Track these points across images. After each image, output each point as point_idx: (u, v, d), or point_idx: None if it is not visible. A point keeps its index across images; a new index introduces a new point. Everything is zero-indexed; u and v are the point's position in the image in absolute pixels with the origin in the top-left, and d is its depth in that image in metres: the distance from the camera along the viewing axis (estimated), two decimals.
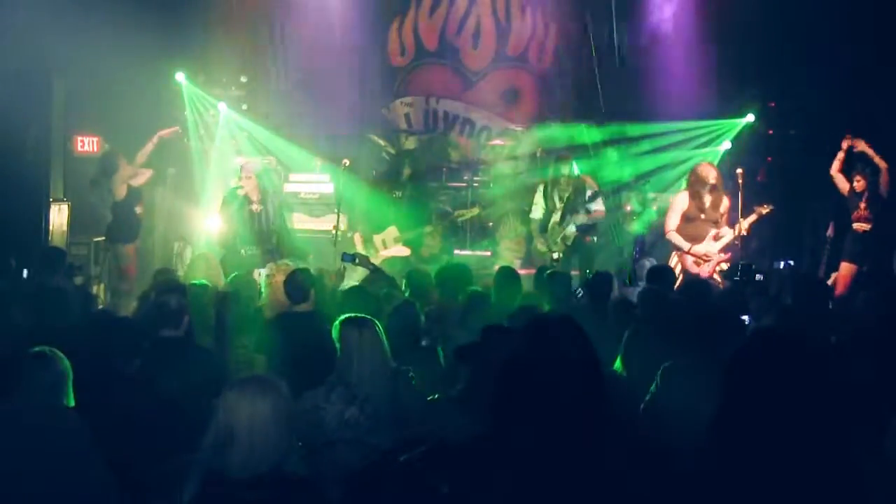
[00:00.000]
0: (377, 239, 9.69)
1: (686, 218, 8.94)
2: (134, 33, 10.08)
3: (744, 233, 8.90)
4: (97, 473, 3.24)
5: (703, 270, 8.76)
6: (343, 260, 7.43)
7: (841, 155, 9.11)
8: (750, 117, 10.89)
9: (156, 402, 3.94)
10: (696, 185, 8.92)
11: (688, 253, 8.85)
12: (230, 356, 5.09)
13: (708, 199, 8.90)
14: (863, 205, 8.93)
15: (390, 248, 9.30)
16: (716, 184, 8.85)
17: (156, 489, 3.06)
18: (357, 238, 9.69)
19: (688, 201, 8.96)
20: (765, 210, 8.99)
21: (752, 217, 8.93)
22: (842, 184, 9.13)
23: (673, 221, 9.03)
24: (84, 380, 3.59)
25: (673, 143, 11.05)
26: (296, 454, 2.89)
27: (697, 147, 10.94)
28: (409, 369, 4.32)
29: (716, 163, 9.96)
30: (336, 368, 4.13)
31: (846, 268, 8.96)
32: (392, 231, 9.39)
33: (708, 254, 8.81)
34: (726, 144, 10.96)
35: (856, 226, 8.98)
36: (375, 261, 8.94)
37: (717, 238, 8.85)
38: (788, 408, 2.14)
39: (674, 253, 9.10)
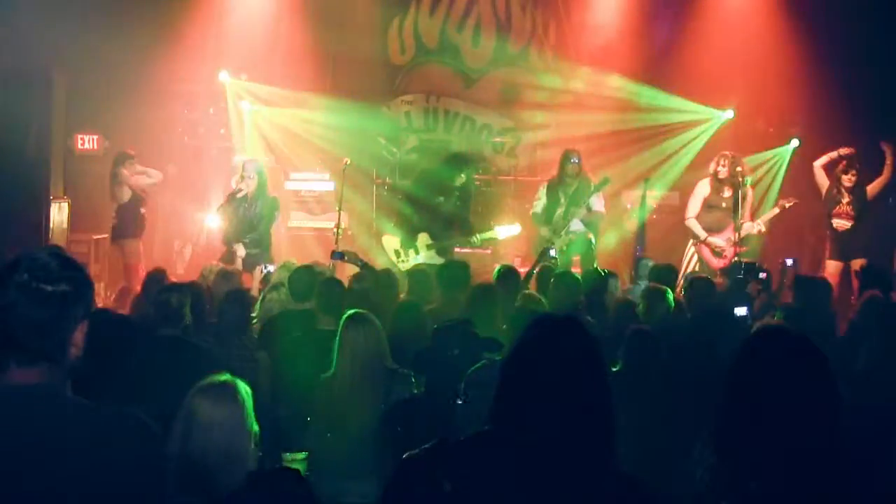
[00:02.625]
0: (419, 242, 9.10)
1: (707, 205, 8.86)
2: (134, 32, 10.09)
3: (762, 228, 8.81)
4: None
5: (721, 262, 8.70)
6: (332, 258, 7.45)
7: (834, 155, 9.05)
8: (794, 142, 10.50)
9: (151, 401, 3.93)
10: (714, 173, 8.84)
11: (703, 243, 8.79)
12: (230, 355, 5.07)
13: (728, 190, 8.82)
14: (845, 201, 8.87)
15: (420, 254, 8.97)
16: (727, 178, 8.74)
17: None
18: (422, 239, 9.05)
19: (709, 189, 8.89)
20: (788, 203, 8.84)
21: (775, 211, 8.83)
22: (822, 179, 9.06)
23: (693, 208, 8.94)
24: (81, 378, 3.57)
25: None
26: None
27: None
28: (409, 373, 4.30)
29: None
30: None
31: (833, 266, 8.91)
32: (424, 238, 9.06)
33: (724, 246, 8.73)
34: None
35: (836, 222, 8.89)
36: (403, 265, 8.78)
37: (735, 230, 8.71)
38: (795, 405, 2.13)
39: (691, 242, 9.03)
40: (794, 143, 10.49)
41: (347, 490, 4.02)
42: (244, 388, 2.83)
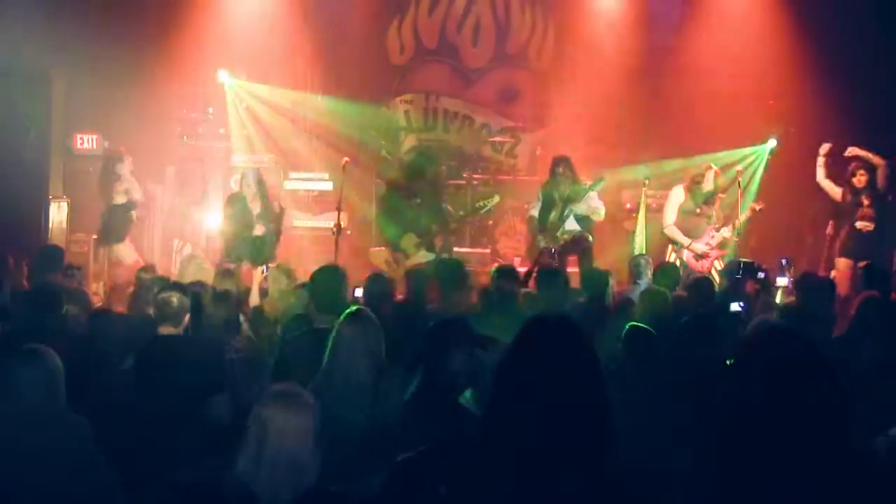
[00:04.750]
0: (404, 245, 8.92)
1: (682, 211, 8.98)
2: (133, 31, 10.09)
3: (738, 229, 8.97)
4: (99, 474, 3.22)
5: (703, 266, 8.80)
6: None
7: (822, 160, 9.06)
8: (772, 142, 10.54)
9: (153, 399, 3.93)
10: (695, 182, 8.95)
11: (687, 248, 8.87)
12: (226, 356, 5.06)
13: (703, 197, 8.94)
14: (866, 202, 8.84)
15: (413, 256, 8.90)
16: (714, 189, 8.89)
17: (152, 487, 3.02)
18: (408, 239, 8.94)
19: (684, 195, 8.99)
20: (757, 207, 9.01)
21: (747, 213, 8.97)
22: (831, 189, 9.05)
23: (670, 216, 9.05)
24: (80, 378, 3.57)
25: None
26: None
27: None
28: (397, 370, 4.28)
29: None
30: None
31: (844, 263, 8.89)
32: (410, 238, 8.96)
33: (706, 250, 8.84)
34: None
35: (860, 224, 8.85)
36: (398, 273, 8.70)
37: (713, 234, 8.89)
38: (796, 404, 2.12)
39: (670, 248, 9.11)
40: (772, 142, 10.49)
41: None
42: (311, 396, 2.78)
